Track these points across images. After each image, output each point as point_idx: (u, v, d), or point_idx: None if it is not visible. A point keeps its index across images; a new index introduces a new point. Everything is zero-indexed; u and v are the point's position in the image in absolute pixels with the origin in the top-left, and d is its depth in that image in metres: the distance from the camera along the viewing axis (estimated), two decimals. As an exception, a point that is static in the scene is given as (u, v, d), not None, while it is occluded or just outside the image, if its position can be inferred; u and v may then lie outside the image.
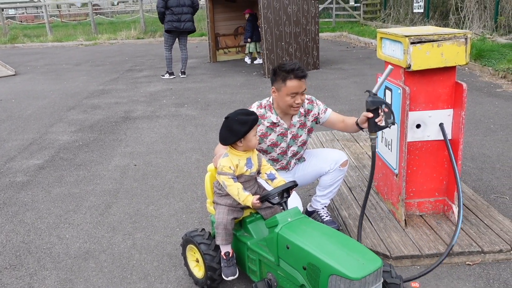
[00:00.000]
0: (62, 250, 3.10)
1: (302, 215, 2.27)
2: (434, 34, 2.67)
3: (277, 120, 2.84)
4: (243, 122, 2.32)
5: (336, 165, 2.96)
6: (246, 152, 2.43)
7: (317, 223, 2.27)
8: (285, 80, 2.66)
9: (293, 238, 2.08)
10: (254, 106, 2.89)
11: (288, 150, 2.94)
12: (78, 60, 12.73)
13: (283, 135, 2.88)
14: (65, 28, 22.09)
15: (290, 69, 2.64)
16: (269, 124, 2.84)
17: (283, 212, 2.24)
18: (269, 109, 2.85)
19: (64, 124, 6.24)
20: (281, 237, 2.13)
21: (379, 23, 15.49)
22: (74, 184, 4.21)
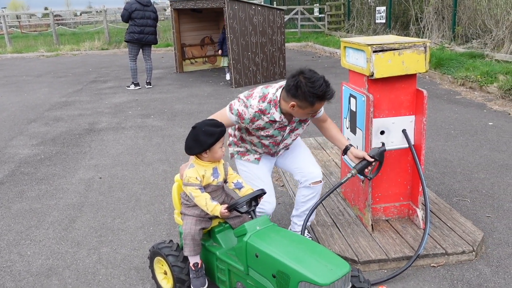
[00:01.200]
0: (23, 268, 2.98)
1: (271, 223, 2.26)
2: (395, 42, 2.75)
3: (280, 119, 2.56)
4: (209, 133, 2.30)
5: (306, 182, 2.82)
6: (212, 162, 2.41)
7: (286, 230, 2.27)
8: (314, 103, 2.39)
9: (262, 246, 2.08)
10: (256, 96, 2.55)
11: (282, 143, 2.76)
12: (39, 71, 12.39)
13: (281, 130, 2.66)
14: (25, 39, 21.52)
15: (322, 94, 2.37)
16: (269, 120, 2.56)
17: (252, 221, 2.24)
18: (274, 105, 2.52)
19: (25, 137, 6.04)
20: (250, 245, 2.12)
21: (343, 33, 15.84)
22: (36, 199, 4.07)
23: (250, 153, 2.85)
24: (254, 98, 2.54)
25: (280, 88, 2.53)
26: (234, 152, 2.91)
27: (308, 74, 2.39)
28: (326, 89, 2.39)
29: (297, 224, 2.99)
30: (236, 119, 2.57)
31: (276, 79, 9.24)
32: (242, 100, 2.56)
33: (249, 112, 2.53)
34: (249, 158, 2.84)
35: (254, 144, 2.76)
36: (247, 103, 2.53)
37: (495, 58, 8.52)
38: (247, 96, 2.57)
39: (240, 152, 2.87)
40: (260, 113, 2.53)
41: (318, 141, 5.03)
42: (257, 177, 2.79)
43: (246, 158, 2.85)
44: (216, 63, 11.38)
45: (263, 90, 2.58)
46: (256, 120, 2.55)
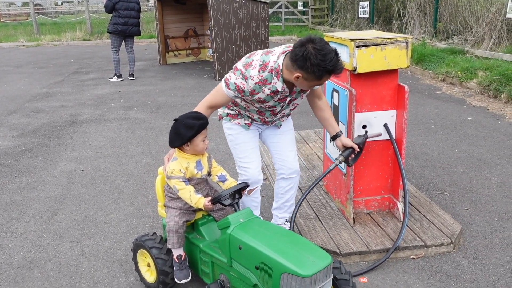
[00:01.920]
0: (4, 261, 2.95)
1: (254, 215, 2.29)
2: (378, 38, 2.78)
3: (282, 89, 2.38)
4: (189, 126, 2.30)
5: (284, 173, 2.81)
6: (195, 155, 2.42)
7: (269, 223, 2.30)
8: (321, 77, 2.21)
9: (245, 238, 2.10)
10: (256, 64, 2.34)
11: (279, 113, 2.64)
12: (19, 61, 12.14)
13: (282, 101, 2.51)
14: (4, 28, 21.02)
15: (332, 68, 2.18)
16: (270, 92, 2.39)
17: (235, 213, 2.26)
18: (276, 74, 2.32)
19: (5, 128, 5.94)
20: (233, 238, 2.15)
21: (326, 28, 15.89)
22: (17, 191, 4.02)
23: (241, 117, 2.72)
24: (254, 68, 2.33)
25: (283, 55, 2.32)
26: (223, 114, 2.77)
27: (318, 44, 2.14)
28: (337, 63, 2.18)
29: (278, 216, 3.02)
30: (235, 94, 2.41)
31: (260, 72, 9.24)
32: (239, 71, 2.36)
33: (248, 84, 2.34)
34: (239, 122, 2.73)
35: (248, 110, 2.63)
36: (246, 73, 2.33)
37: (475, 55, 8.67)
38: (245, 65, 2.36)
39: (231, 114, 2.74)
40: (261, 84, 2.34)
41: (301, 135, 5.06)
42: (243, 141, 2.71)
43: (236, 121, 2.73)
44: (199, 56, 11.32)
45: (263, 57, 2.35)
46: (256, 93, 2.38)
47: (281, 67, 2.30)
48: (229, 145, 2.81)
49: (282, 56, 2.31)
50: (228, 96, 2.45)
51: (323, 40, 2.18)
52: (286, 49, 2.33)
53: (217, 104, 2.51)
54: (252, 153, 2.72)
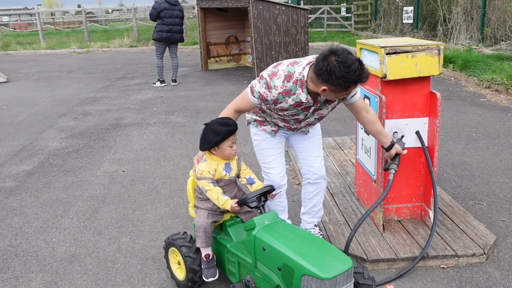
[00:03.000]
0: (48, 254, 3.16)
1: (279, 218, 2.35)
2: (409, 45, 2.78)
3: (306, 101, 2.39)
4: (217, 132, 2.39)
5: (310, 178, 2.87)
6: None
7: (293, 226, 2.35)
8: (349, 88, 2.22)
9: (269, 240, 2.16)
10: (281, 75, 2.35)
11: (303, 121, 2.65)
12: (70, 67, 12.80)
13: (305, 110, 2.52)
14: (58, 36, 22.18)
15: (357, 79, 2.19)
16: (294, 102, 2.40)
17: (261, 215, 2.32)
18: (301, 85, 2.33)
19: (55, 130, 6.30)
20: (258, 239, 2.21)
21: (369, 33, 15.71)
22: (63, 189, 4.27)
23: (268, 124, 2.77)
24: (279, 78, 2.35)
25: (308, 66, 2.32)
26: (251, 119, 2.82)
27: (341, 56, 2.15)
28: (361, 72, 2.17)
29: (307, 221, 3.05)
30: (259, 101, 2.46)
31: (300, 78, 9.28)
32: (264, 80, 2.39)
33: (272, 93, 2.37)
34: (266, 128, 2.78)
35: (274, 118, 2.67)
36: (270, 83, 2.36)
37: (524, 61, 8.34)
38: (271, 74, 2.39)
39: (258, 120, 2.79)
40: (285, 94, 2.35)
41: (336, 141, 5.07)
42: (268, 147, 2.77)
43: (263, 128, 2.78)
44: (240, 62, 11.50)
45: (288, 68, 2.37)
46: (279, 102, 2.41)
47: (306, 79, 2.31)
48: (255, 149, 2.89)
49: (308, 67, 2.32)
50: (252, 102, 2.50)
51: (345, 51, 2.18)
52: (312, 59, 2.33)
53: (243, 108, 2.58)
54: (275, 159, 2.79)
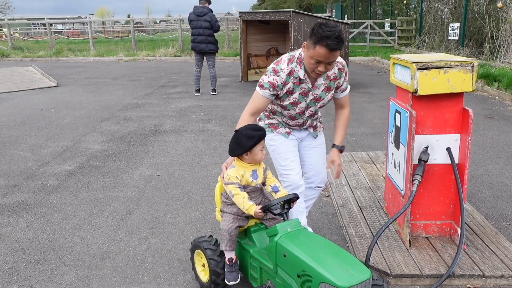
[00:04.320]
0: (82, 249, 3.32)
1: (302, 226, 2.39)
2: (441, 61, 2.77)
3: (304, 77, 2.65)
4: (250, 136, 2.48)
5: (313, 183, 3.06)
6: (252, 164, 2.58)
7: (315, 234, 2.38)
8: (316, 44, 2.42)
9: (290, 247, 2.20)
10: (285, 60, 2.68)
11: (307, 110, 2.83)
12: (116, 74, 13.32)
13: (305, 95, 2.73)
14: (107, 44, 23.14)
15: (326, 35, 2.37)
16: (296, 80, 2.66)
17: (284, 222, 2.37)
18: (299, 63, 2.64)
19: (97, 134, 6.59)
20: (279, 245, 2.26)
21: (413, 49, 15.47)
22: (100, 190, 4.46)
23: (281, 126, 2.96)
24: (283, 63, 2.66)
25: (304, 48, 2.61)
26: (265, 125, 2.99)
27: (327, 22, 2.48)
28: (330, 34, 2.36)
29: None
30: (271, 92, 2.66)
31: (338, 92, 9.26)
32: (271, 69, 2.67)
33: (281, 77, 2.64)
34: (281, 131, 2.96)
35: (284, 115, 2.87)
36: (277, 68, 2.64)
37: None
38: (276, 62, 2.70)
39: (272, 125, 2.97)
40: (290, 74, 2.64)
41: (369, 155, 5.04)
42: (284, 151, 2.91)
43: (278, 131, 2.96)
44: (280, 74, 11.61)
45: (290, 53, 2.71)
46: (287, 84, 2.65)
47: (303, 56, 2.61)
48: (271, 155, 3.00)
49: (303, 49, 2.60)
50: (265, 98, 2.69)
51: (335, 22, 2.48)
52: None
53: (258, 108, 2.73)
54: (293, 161, 2.89)
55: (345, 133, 2.99)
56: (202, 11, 8.88)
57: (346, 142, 5.89)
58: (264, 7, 49.01)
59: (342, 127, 2.98)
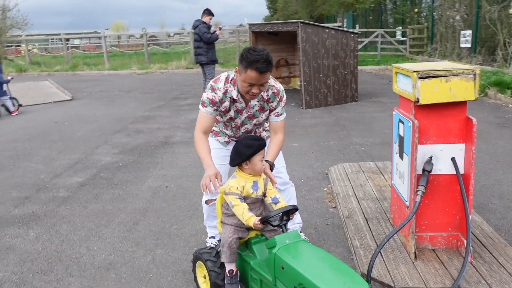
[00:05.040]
0: (88, 260, 3.35)
1: (301, 238, 2.37)
2: (443, 69, 2.75)
3: (237, 98, 2.78)
4: (248, 145, 2.50)
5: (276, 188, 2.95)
6: (253, 176, 2.59)
7: (314, 246, 2.37)
8: (247, 68, 2.53)
9: (287, 259, 2.19)
10: (222, 79, 2.79)
11: (242, 127, 2.96)
12: (129, 87, 13.50)
13: (239, 112, 2.85)
14: (121, 57, 23.49)
15: (255, 59, 2.49)
16: (229, 99, 2.79)
17: (283, 234, 2.36)
18: (233, 84, 2.77)
19: (109, 146, 6.68)
20: (277, 257, 2.25)
21: (425, 57, 15.37)
22: (109, 201, 4.51)
23: (221, 135, 3.10)
24: (221, 81, 2.78)
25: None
26: None
27: (255, 47, 2.60)
28: (259, 58, 2.48)
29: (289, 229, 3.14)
30: (212, 107, 2.78)
31: (348, 101, 9.24)
32: (209, 87, 2.79)
33: (218, 95, 2.76)
34: (219, 139, 3.10)
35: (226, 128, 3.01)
36: (215, 86, 2.76)
37: None
38: (214, 80, 2.81)
39: (214, 131, 3.11)
40: (225, 93, 2.76)
41: (377, 166, 5.00)
42: (214, 157, 2.88)
43: (216, 138, 3.11)
44: (290, 84, 11.63)
45: (228, 73, 2.81)
46: (223, 102, 2.78)
47: (236, 79, 2.72)
48: None
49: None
50: (209, 114, 2.81)
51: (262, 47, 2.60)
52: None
53: (206, 125, 2.83)
54: (219, 168, 2.84)
55: (276, 154, 2.90)
56: (195, 24, 9.09)
57: (355, 152, 5.86)
58: (276, 18, 49.28)
59: (274, 150, 2.89)
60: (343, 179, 4.64)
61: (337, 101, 9.12)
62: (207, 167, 2.69)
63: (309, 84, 8.74)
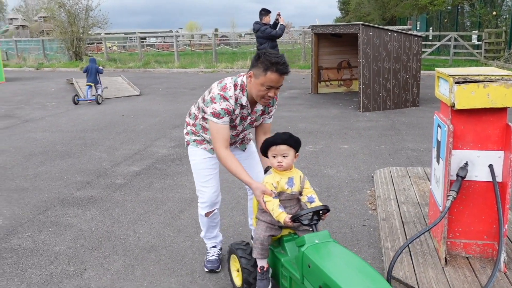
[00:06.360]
0: (133, 242, 3.64)
1: (331, 239, 2.35)
2: (481, 75, 2.70)
3: (246, 104, 2.72)
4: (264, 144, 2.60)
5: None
6: (287, 171, 2.59)
7: (343, 247, 2.32)
8: (267, 70, 2.52)
9: (314, 258, 2.20)
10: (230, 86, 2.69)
11: (241, 133, 2.95)
12: (194, 85, 14.05)
13: (243, 119, 2.81)
14: (191, 56, 24.41)
15: (276, 61, 2.50)
16: (240, 106, 2.72)
17: (312, 233, 2.36)
18: (242, 90, 2.70)
19: (166, 139, 7.07)
20: (305, 256, 2.26)
21: (501, 63, 14.50)
22: (159, 190, 4.82)
23: (206, 143, 2.98)
24: (230, 89, 2.68)
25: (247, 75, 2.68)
26: (191, 140, 3.04)
27: (269, 50, 2.57)
28: (279, 60, 2.48)
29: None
30: (228, 118, 2.68)
31: (408, 106, 9.01)
32: (218, 96, 2.65)
33: (231, 103, 2.67)
34: (206, 147, 2.98)
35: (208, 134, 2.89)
36: (226, 95, 2.66)
37: None
38: (221, 89, 2.69)
39: (198, 140, 3.00)
40: (236, 101, 2.69)
41: (425, 171, 4.89)
42: (205, 167, 2.95)
43: (203, 147, 2.99)
44: (351, 87, 11.52)
45: (233, 79, 2.73)
46: (235, 110, 2.71)
47: (246, 83, 2.69)
48: (192, 169, 3.05)
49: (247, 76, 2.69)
50: (226, 125, 2.69)
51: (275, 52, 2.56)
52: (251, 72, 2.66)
53: (226, 138, 2.71)
54: (212, 178, 2.96)
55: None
56: (255, 27, 9.07)
57: (406, 157, 5.76)
58: (348, 19, 48.54)
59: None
60: (387, 182, 4.60)
61: (396, 105, 8.92)
62: (249, 184, 2.60)
63: (368, 87, 8.63)
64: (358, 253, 3.35)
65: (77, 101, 10.81)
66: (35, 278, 3.15)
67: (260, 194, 2.51)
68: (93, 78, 11.04)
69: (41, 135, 7.56)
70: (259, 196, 2.52)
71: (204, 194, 3.00)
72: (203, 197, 3.01)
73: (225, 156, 2.69)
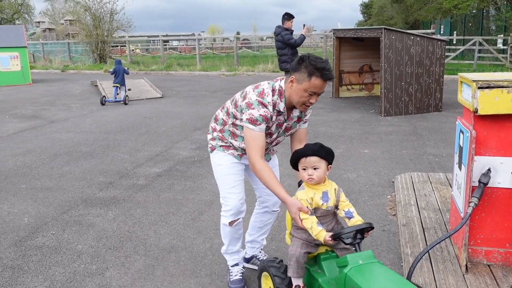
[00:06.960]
0: (154, 242, 3.70)
1: (376, 259, 2.18)
2: (505, 80, 2.66)
3: (283, 110, 2.59)
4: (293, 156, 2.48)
5: (268, 207, 3.02)
6: (321, 185, 2.44)
7: (388, 269, 2.16)
8: (311, 76, 2.41)
9: (359, 281, 2.04)
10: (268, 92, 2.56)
11: (275, 140, 2.80)
12: (216, 88, 14.16)
13: (279, 126, 2.68)
14: (213, 59, 24.61)
15: (321, 67, 2.40)
16: (276, 113, 2.60)
17: (356, 253, 2.18)
18: (280, 95, 2.57)
19: (188, 142, 7.15)
20: (348, 278, 2.09)
21: (527, 68, 14.18)
22: (180, 192, 4.88)
23: (235, 149, 2.84)
24: (267, 95, 2.55)
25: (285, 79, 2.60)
26: (217, 145, 2.88)
27: (311, 54, 2.48)
28: (324, 65, 2.40)
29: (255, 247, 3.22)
30: (265, 125, 2.56)
31: (430, 111, 8.90)
32: (256, 103, 2.53)
33: (269, 110, 2.55)
34: (233, 152, 2.83)
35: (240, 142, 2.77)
36: (264, 101, 2.54)
37: None
38: (259, 94, 2.56)
39: (224, 146, 2.85)
40: (273, 107, 2.56)
41: (447, 177, 4.83)
42: (232, 173, 2.82)
43: (230, 152, 2.83)
44: (372, 91, 11.44)
45: (271, 84, 2.60)
46: (273, 116, 2.59)
47: (284, 88, 2.57)
48: (217, 175, 2.89)
49: (284, 80, 2.60)
50: (263, 132, 2.56)
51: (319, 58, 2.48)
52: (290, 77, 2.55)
53: (263, 146, 2.57)
54: (238, 184, 2.83)
55: None
56: (276, 31, 9.00)
57: (427, 162, 5.69)
58: (370, 23, 48.19)
59: None
60: (408, 188, 4.56)
61: (418, 110, 8.82)
62: (285, 200, 2.44)
63: (390, 91, 8.56)
64: (377, 258, 3.33)
65: (104, 102, 11.09)
66: (58, 276, 3.23)
67: (296, 211, 2.35)
68: (120, 79, 11.34)
69: (66, 136, 7.75)
70: (295, 213, 2.36)
71: (230, 201, 2.84)
72: (228, 204, 2.84)
73: (261, 166, 2.52)
